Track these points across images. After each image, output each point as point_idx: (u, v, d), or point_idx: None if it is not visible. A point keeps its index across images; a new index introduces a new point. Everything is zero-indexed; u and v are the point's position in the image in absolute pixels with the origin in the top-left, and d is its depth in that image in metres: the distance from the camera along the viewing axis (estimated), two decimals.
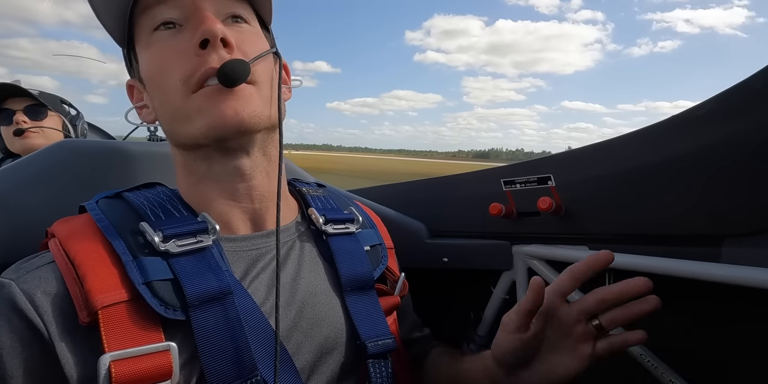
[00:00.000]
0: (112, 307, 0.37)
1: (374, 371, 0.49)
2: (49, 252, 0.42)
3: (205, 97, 0.41)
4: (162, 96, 0.43)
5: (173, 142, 0.47)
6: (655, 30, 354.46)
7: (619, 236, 0.65)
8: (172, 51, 0.41)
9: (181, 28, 0.43)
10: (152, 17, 0.42)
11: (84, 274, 0.38)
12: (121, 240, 0.41)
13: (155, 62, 0.43)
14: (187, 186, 0.48)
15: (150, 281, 0.39)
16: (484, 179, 0.78)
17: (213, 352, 0.39)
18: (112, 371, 0.35)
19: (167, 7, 0.42)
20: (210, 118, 0.41)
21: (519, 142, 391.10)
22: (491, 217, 0.74)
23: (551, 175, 0.68)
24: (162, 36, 0.43)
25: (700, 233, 0.57)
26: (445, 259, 0.82)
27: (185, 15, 0.42)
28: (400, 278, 0.59)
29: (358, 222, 0.56)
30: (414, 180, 0.93)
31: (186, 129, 0.43)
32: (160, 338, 0.38)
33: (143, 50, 0.44)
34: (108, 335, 0.36)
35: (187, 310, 0.39)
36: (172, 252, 0.41)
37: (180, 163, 0.48)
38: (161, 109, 0.45)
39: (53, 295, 0.38)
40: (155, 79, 0.43)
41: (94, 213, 0.43)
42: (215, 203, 0.47)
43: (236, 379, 0.39)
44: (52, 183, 0.58)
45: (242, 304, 0.42)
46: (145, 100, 0.48)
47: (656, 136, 0.59)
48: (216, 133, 0.42)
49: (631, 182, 0.61)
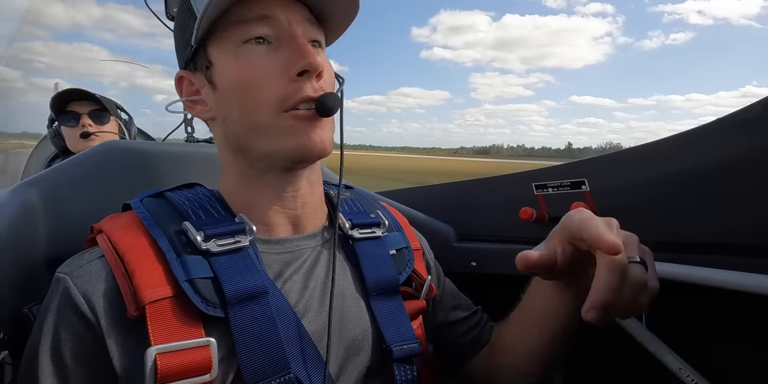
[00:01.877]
0: (158, 303, 0.39)
1: (399, 374, 0.49)
2: (98, 247, 0.44)
3: (297, 120, 0.44)
4: (246, 107, 0.44)
5: (234, 148, 0.48)
6: (666, 22, 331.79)
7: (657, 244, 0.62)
8: (268, 70, 0.44)
9: (273, 46, 0.44)
10: (245, 31, 0.44)
11: (133, 270, 0.40)
12: (165, 238, 0.43)
13: (246, 75, 0.44)
14: (236, 187, 0.49)
15: (192, 279, 0.41)
16: (515, 183, 0.77)
17: (249, 349, 0.40)
18: (158, 363, 0.37)
19: (263, 25, 0.44)
20: (300, 141, 0.44)
21: (528, 138, 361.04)
22: (521, 222, 0.72)
23: (585, 179, 0.66)
24: (254, 51, 0.44)
25: (745, 243, 0.54)
26: (474, 264, 0.82)
27: (277, 35, 0.44)
28: (426, 281, 0.59)
29: (384, 226, 0.56)
30: (442, 183, 0.93)
31: (267, 143, 0.45)
32: (200, 334, 0.40)
33: (228, 58, 0.45)
34: (154, 329, 0.38)
35: (225, 307, 0.41)
36: (213, 251, 0.43)
37: (232, 166, 0.49)
38: (238, 117, 0.45)
39: (104, 289, 0.40)
40: (241, 91, 0.44)
41: (139, 211, 0.46)
42: (261, 206, 0.48)
43: (270, 376, 0.40)
44: (97, 182, 0.62)
45: (276, 304, 0.44)
46: (207, 99, 0.48)
47: (699, 140, 0.56)
48: (300, 154, 0.45)
49: (672, 188, 0.58)
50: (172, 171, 0.66)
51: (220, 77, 0.46)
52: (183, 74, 0.49)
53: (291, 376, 0.41)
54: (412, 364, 0.51)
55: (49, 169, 0.63)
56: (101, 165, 0.63)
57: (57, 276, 0.42)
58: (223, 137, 0.49)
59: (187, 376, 0.38)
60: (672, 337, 0.64)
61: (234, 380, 0.41)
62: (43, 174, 0.61)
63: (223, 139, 0.49)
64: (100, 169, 0.63)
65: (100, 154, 0.64)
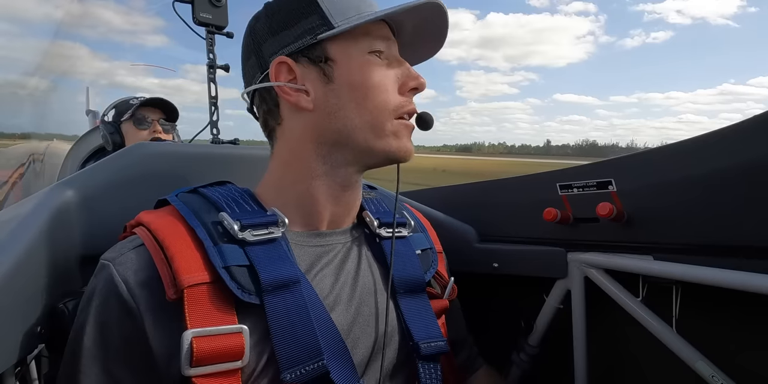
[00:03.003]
0: (195, 288, 0.41)
1: (424, 372, 0.50)
2: (137, 236, 0.46)
3: (403, 128, 0.51)
4: (365, 105, 0.48)
5: (324, 140, 0.49)
6: (647, 21, 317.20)
7: (688, 246, 0.60)
8: (389, 80, 0.50)
9: (386, 62, 0.51)
10: (372, 44, 0.49)
11: (172, 256, 0.42)
12: (202, 227, 0.45)
13: (371, 80, 0.49)
14: (293, 180, 0.51)
15: (229, 266, 0.42)
16: (538, 183, 0.76)
17: (284, 335, 0.42)
18: (194, 346, 0.39)
19: (384, 44, 0.50)
20: (402, 144, 0.50)
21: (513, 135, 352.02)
22: (545, 223, 0.71)
23: (612, 179, 0.64)
24: (377, 62, 0.50)
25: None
26: (495, 265, 0.81)
27: (389, 55, 0.51)
28: (449, 283, 0.59)
29: (410, 226, 0.58)
30: (464, 183, 0.92)
31: (374, 139, 0.49)
32: (234, 320, 0.41)
33: (356, 59, 0.49)
34: (191, 313, 0.40)
35: (261, 294, 0.42)
36: (248, 240, 0.45)
37: (301, 160, 0.50)
38: (354, 112, 0.48)
39: (144, 274, 0.42)
40: (364, 91, 0.48)
41: (176, 203, 0.48)
42: (316, 201, 0.51)
43: (304, 362, 0.42)
44: (130, 182, 0.64)
45: (307, 295, 0.45)
46: (313, 90, 0.49)
47: (733, 138, 0.54)
48: (398, 155, 0.50)
49: (704, 189, 0.56)
50: (200, 172, 0.68)
51: (343, 74, 0.48)
52: (285, 60, 0.49)
53: (323, 363, 0.42)
54: (437, 362, 0.51)
55: (84, 169, 0.66)
56: (134, 166, 0.65)
57: (101, 263, 0.44)
58: (314, 129, 0.50)
59: (220, 360, 0.40)
60: (704, 343, 0.61)
61: (265, 366, 0.42)
62: (78, 174, 0.64)
63: (312, 130, 0.50)
64: (133, 169, 0.65)
65: (133, 155, 0.67)
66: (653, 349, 0.67)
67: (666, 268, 0.61)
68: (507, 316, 0.89)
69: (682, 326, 0.64)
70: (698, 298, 0.63)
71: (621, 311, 0.68)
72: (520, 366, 0.82)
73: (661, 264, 0.62)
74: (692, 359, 0.60)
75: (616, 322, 0.73)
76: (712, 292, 0.57)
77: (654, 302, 0.66)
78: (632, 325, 0.67)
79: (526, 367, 0.82)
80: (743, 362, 0.59)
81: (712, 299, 0.63)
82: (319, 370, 0.42)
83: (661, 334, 0.64)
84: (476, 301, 0.79)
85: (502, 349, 0.83)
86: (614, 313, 0.70)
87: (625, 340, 0.75)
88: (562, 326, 0.76)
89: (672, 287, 0.65)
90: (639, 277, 0.67)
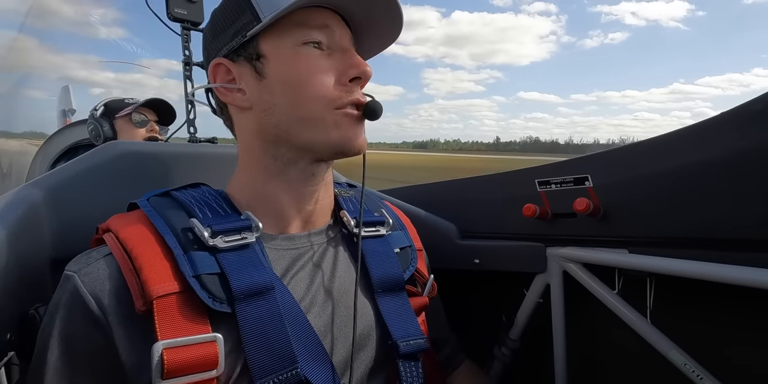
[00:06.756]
0: (165, 298, 0.39)
1: (405, 371, 0.50)
2: (105, 245, 0.44)
3: (346, 117, 0.47)
4: (298, 99, 0.46)
5: (268, 137, 0.48)
6: (605, 22, 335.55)
7: (662, 239, 0.62)
8: (323, 71, 0.47)
9: (326, 53, 0.48)
10: (305, 35, 0.47)
11: (140, 266, 0.40)
12: (172, 234, 0.43)
13: (304, 71, 0.46)
14: (253, 181, 0.50)
15: (199, 274, 0.41)
16: (517, 179, 0.77)
17: (256, 344, 0.41)
18: (165, 358, 0.37)
19: (321, 34, 0.47)
20: (344, 135, 0.47)
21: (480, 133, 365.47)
22: (524, 218, 0.72)
23: (589, 175, 0.66)
24: (312, 52, 0.47)
25: (750, 237, 0.54)
26: (477, 261, 0.81)
27: (330, 44, 0.48)
28: (429, 280, 0.59)
29: (388, 224, 0.57)
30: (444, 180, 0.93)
31: (312, 133, 0.47)
32: (207, 329, 0.40)
33: (286, 54, 0.47)
34: (161, 324, 0.39)
35: (232, 303, 0.41)
36: (220, 247, 0.43)
37: (255, 159, 0.49)
38: (287, 108, 0.46)
39: (112, 286, 0.41)
40: (296, 84, 0.46)
41: (146, 209, 0.46)
42: (279, 201, 0.49)
43: (277, 371, 0.41)
44: (102, 183, 0.62)
45: (282, 300, 0.44)
46: (248, 88, 0.48)
47: (706, 133, 0.56)
48: (342, 146, 0.47)
49: (677, 182, 0.58)
50: (176, 171, 0.67)
51: (274, 70, 0.47)
52: (222, 61, 0.49)
53: (297, 371, 0.41)
54: (417, 360, 0.51)
55: (54, 170, 0.63)
56: (106, 166, 0.63)
57: (65, 274, 0.42)
58: (256, 127, 0.49)
59: (194, 371, 0.39)
60: (676, 332, 0.63)
61: (240, 375, 0.41)
62: (48, 175, 0.62)
63: (254, 129, 0.49)
64: (105, 170, 0.63)
65: (105, 155, 0.65)
66: (629, 340, 0.69)
67: (640, 261, 0.63)
68: (488, 311, 0.90)
69: (656, 317, 0.66)
70: (671, 289, 0.66)
71: (598, 304, 0.70)
72: (501, 360, 0.84)
73: (635, 257, 0.64)
74: (665, 348, 0.62)
75: (594, 314, 0.74)
76: (684, 283, 0.59)
77: (629, 294, 0.68)
78: (609, 317, 0.69)
79: (507, 360, 0.83)
80: (714, 350, 0.61)
81: (684, 290, 0.65)
82: (294, 378, 0.41)
83: (636, 324, 0.66)
84: (458, 297, 0.80)
85: (484, 344, 0.84)
86: (592, 306, 0.72)
87: (603, 331, 0.77)
88: (543, 320, 0.77)
89: (646, 279, 0.67)
90: (615, 270, 0.69)
